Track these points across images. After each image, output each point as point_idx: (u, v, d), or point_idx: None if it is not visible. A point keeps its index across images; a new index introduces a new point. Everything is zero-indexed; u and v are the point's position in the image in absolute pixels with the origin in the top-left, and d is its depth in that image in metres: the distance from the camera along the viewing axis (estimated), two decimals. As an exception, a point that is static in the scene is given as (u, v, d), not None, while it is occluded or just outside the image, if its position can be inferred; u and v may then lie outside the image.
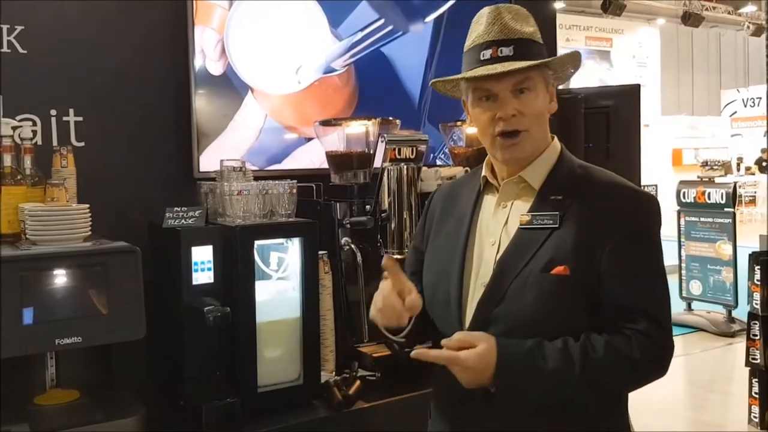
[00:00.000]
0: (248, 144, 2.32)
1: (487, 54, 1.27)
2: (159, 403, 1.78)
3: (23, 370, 1.73)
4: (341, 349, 2.00)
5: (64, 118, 2.07)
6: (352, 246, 2.00)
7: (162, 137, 2.21)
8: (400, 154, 2.07)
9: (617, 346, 1.21)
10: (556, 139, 1.37)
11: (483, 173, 1.39)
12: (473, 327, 1.26)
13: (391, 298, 1.28)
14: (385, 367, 1.97)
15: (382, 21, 2.53)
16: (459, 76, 1.31)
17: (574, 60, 1.36)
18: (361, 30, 2.49)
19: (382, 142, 2.01)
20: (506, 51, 1.26)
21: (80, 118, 2.09)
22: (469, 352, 1.19)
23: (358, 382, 1.90)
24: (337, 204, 2.07)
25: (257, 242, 1.82)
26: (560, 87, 1.47)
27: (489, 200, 1.37)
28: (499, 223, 1.32)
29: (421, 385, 1.98)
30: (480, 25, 1.30)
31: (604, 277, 1.23)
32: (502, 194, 1.34)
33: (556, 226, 1.25)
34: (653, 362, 1.24)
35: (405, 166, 2.02)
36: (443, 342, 1.22)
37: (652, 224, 1.30)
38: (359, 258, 1.98)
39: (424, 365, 2.00)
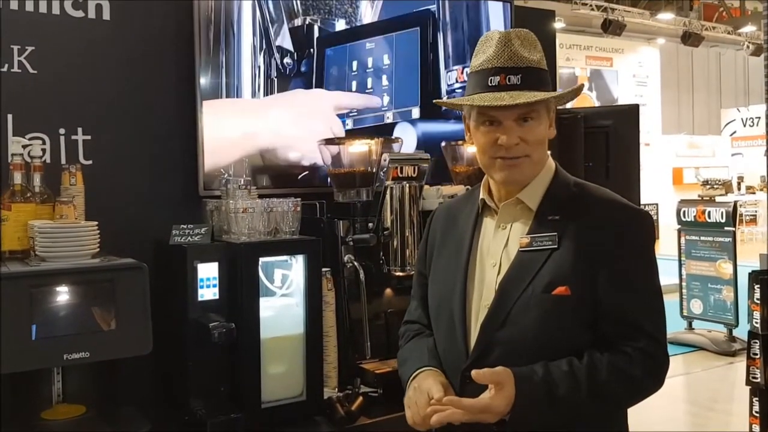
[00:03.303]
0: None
1: (495, 80, 1.28)
2: (164, 418, 1.80)
3: (30, 384, 1.75)
4: (344, 365, 2.02)
5: (73, 137, 2.11)
6: (355, 263, 2.03)
7: (167, 155, 2.25)
8: (402, 172, 2.11)
9: (620, 366, 1.24)
10: (549, 157, 1.39)
11: (481, 195, 1.40)
12: (478, 350, 1.28)
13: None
14: (387, 383, 1.99)
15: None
16: (466, 101, 1.32)
17: (577, 93, 1.41)
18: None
19: (385, 160, 2.05)
20: (514, 79, 1.27)
21: (88, 137, 2.13)
22: (497, 397, 1.18)
23: (360, 399, 1.91)
24: (340, 222, 2.10)
25: (262, 259, 1.85)
26: (560, 107, 1.50)
27: (488, 222, 1.39)
28: (499, 244, 1.34)
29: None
30: (489, 48, 1.30)
31: (603, 295, 1.26)
32: (501, 216, 1.36)
33: (555, 246, 1.27)
34: (652, 378, 1.27)
35: (407, 185, 2.06)
36: (474, 374, 1.20)
37: (647, 240, 1.33)
38: (362, 275, 2.01)
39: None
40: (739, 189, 13.04)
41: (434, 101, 1.51)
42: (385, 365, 2.07)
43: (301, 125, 2.40)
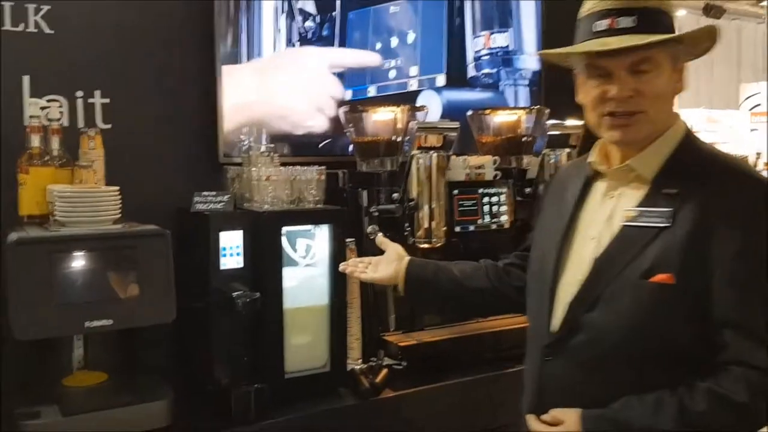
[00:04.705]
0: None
1: (602, 24, 1.13)
2: (185, 387, 1.77)
3: (50, 351, 1.73)
4: (367, 337, 1.98)
5: (90, 100, 2.05)
6: (379, 234, 1.97)
7: (186, 121, 2.19)
8: (427, 141, 2.05)
9: (721, 393, 1.06)
10: (681, 119, 1.21)
11: (591, 158, 1.26)
12: (563, 330, 1.19)
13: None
14: (411, 356, 1.95)
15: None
16: (566, 49, 1.19)
17: (709, 36, 1.19)
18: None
19: (412, 128, 1.99)
20: (626, 22, 1.11)
21: (106, 100, 2.07)
22: (555, 429, 1.15)
23: (385, 371, 1.88)
24: (364, 191, 2.05)
25: (285, 228, 1.80)
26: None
27: (597, 189, 1.25)
28: (603, 215, 1.22)
29: (447, 374, 1.98)
30: None
31: (716, 291, 1.08)
32: (610, 183, 1.22)
33: (667, 225, 1.11)
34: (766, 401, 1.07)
35: (434, 154, 1.99)
36: (542, 417, 1.19)
37: None
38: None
39: (450, 356, 2.00)
40: (756, 165, 12.85)
41: (538, 53, 1.41)
42: (409, 338, 2.03)
43: (295, 86, 2.31)
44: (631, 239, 1.15)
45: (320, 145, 2.37)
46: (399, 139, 2.12)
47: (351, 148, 2.39)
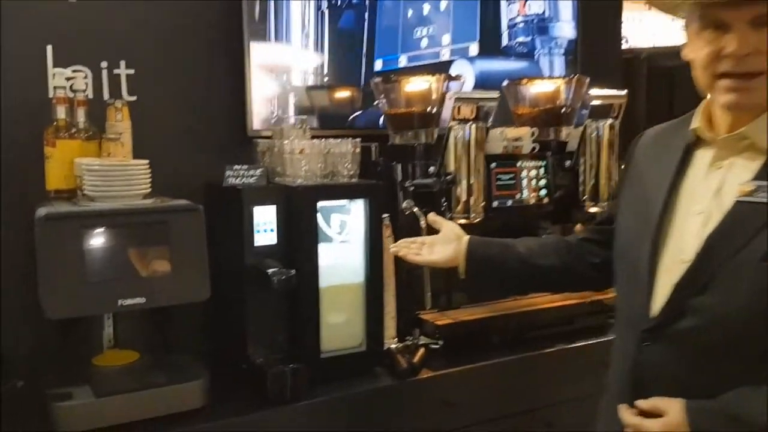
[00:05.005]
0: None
1: None
2: (218, 367, 1.71)
3: (79, 329, 1.68)
4: (401, 316, 1.92)
5: (115, 71, 1.98)
6: (415, 210, 1.91)
7: (213, 93, 2.12)
8: (461, 113, 1.96)
9: None
10: None
11: (694, 124, 1.14)
12: (666, 313, 1.09)
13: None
14: (448, 335, 1.89)
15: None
16: None
17: None
18: None
19: (449, 99, 1.90)
20: None
21: (131, 71, 2.00)
22: (656, 421, 1.06)
23: (422, 350, 1.83)
24: (398, 165, 1.97)
25: (319, 204, 1.73)
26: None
27: (701, 157, 1.13)
28: (710, 188, 1.10)
29: (484, 354, 1.92)
30: None
31: None
32: (718, 152, 1.10)
33: None
34: None
35: (473, 126, 1.91)
36: (637, 403, 1.09)
37: None
38: (423, 222, 1.88)
39: (487, 334, 1.93)
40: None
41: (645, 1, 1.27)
42: (445, 316, 1.97)
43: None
44: (748, 216, 1.03)
45: (350, 118, 2.29)
46: (434, 110, 2.03)
47: (381, 120, 2.31)
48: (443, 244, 1.56)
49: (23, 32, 1.83)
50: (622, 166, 1.35)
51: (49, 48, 1.87)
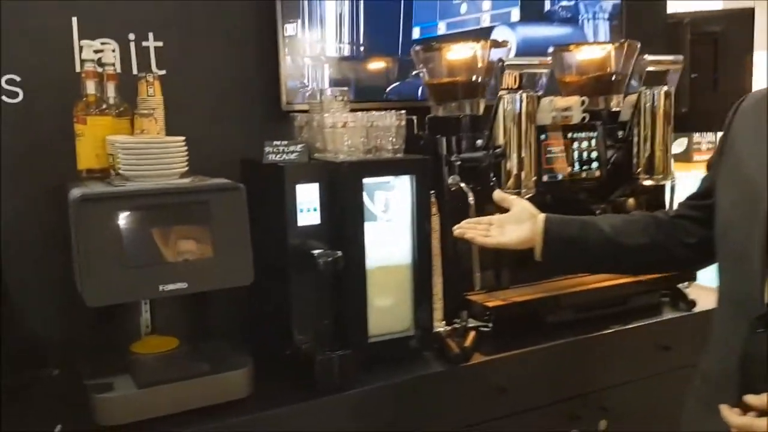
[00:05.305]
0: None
1: None
2: (259, 352, 1.63)
3: (115, 315, 1.60)
4: (448, 297, 1.83)
5: (144, 44, 1.88)
6: (462, 185, 1.80)
7: (245, 65, 2.01)
8: (515, 81, 1.85)
9: None
10: None
11: None
12: None
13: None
14: (500, 317, 1.80)
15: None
16: None
17: None
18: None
19: (499, 64, 1.78)
20: None
21: (160, 43, 1.90)
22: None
23: (472, 334, 1.74)
24: (443, 138, 1.86)
25: (364, 180, 1.63)
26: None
27: None
28: None
29: (535, 336, 1.83)
30: None
31: None
32: None
33: None
34: None
35: (524, 95, 1.79)
36: (746, 398, 1.00)
37: None
38: (471, 199, 1.78)
39: (538, 315, 1.83)
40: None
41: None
42: (494, 297, 1.87)
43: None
44: None
45: (387, 90, 2.18)
46: (479, 79, 1.92)
47: (420, 92, 2.20)
48: (516, 224, 1.46)
49: (47, 5, 1.73)
50: (719, 134, 1.22)
51: (75, 20, 1.77)
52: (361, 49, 2.14)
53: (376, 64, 2.18)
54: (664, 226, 1.34)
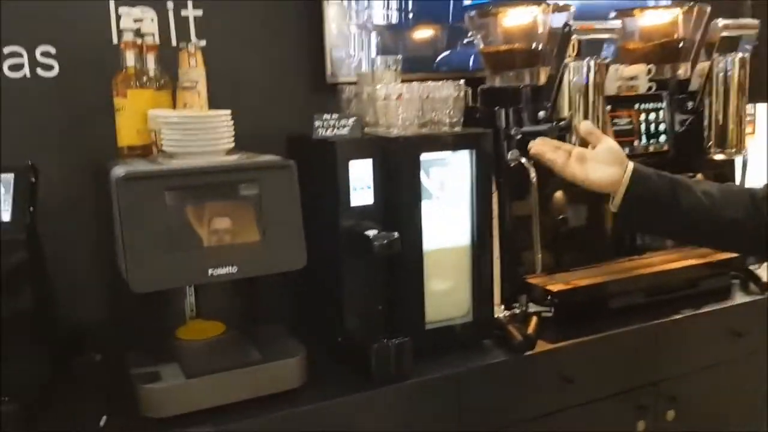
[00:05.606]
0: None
1: None
2: (308, 338, 1.54)
3: (158, 298, 1.51)
4: (506, 280, 1.72)
5: (182, 12, 1.78)
6: (523, 161, 1.68)
7: (287, 35, 1.90)
8: (574, 49, 1.71)
9: None
10: None
11: None
12: None
13: None
14: (564, 301, 1.69)
15: None
16: None
17: None
18: None
19: (567, 29, 1.65)
20: None
21: (199, 12, 1.79)
22: None
23: (535, 320, 1.63)
24: (502, 111, 1.74)
25: (421, 157, 1.52)
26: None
27: None
28: None
29: (600, 322, 1.71)
30: None
31: None
32: None
33: None
34: None
35: (591, 62, 1.65)
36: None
37: None
38: (533, 175, 1.66)
39: (604, 300, 1.71)
40: None
41: None
42: (555, 280, 1.76)
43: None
44: None
45: (437, 59, 2.06)
46: (540, 46, 1.78)
47: (472, 61, 2.08)
48: (602, 164, 1.32)
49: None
50: None
51: (115, -13, 1.68)
52: (410, 16, 2.01)
53: (425, 32, 2.06)
54: (761, 203, 1.21)
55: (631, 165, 1.30)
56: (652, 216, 1.29)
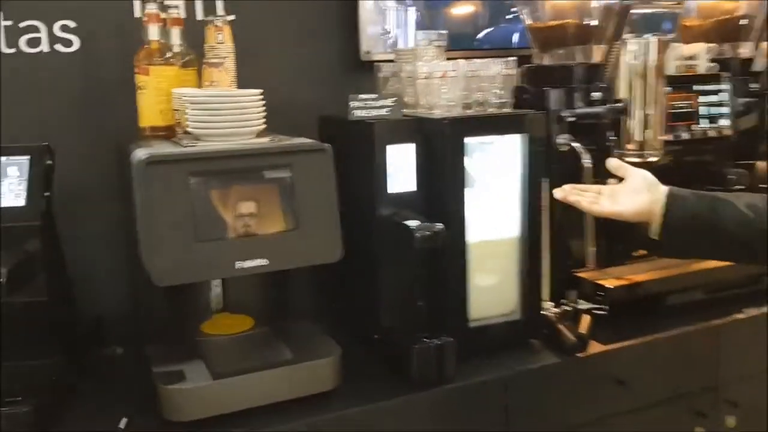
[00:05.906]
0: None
1: None
2: (342, 335, 1.43)
3: (183, 290, 1.41)
4: (555, 275, 1.59)
5: (209, -16, 1.67)
6: (576, 146, 1.55)
7: (319, 10, 1.79)
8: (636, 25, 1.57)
9: None
10: None
11: None
12: None
13: None
14: (619, 298, 1.56)
15: None
16: None
17: None
18: None
19: (622, 6, 1.51)
20: None
21: (227, -16, 1.68)
22: None
23: (587, 318, 1.50)
24: (551, 91, 1.60)
25: (466, 140, 1.40)
26: None
27: None
28: None
29: (658, 323, 1.58)
30: None
31: None
32: None
33: None
34: None
35: (654, 40, 1.51)
36: None
37: None
38: (587, 160, 1.53)
39: (660, 297, 1.57)
40: None
41: None
42: (607, 275, 1.63)
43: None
44: None
45: (478, 36, 1.93)
46: (592, 22, 1.64)
47: (515, 38, 1.94)
48: (632, 194, 1.23)
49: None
50: None
51: (134, -44, 1.57)
52: (450, -10, 1.88)
53: (465, 8, 1.93)
54: None
55: (664, 188, 1.21)
56: (696, 237, 1.18)
